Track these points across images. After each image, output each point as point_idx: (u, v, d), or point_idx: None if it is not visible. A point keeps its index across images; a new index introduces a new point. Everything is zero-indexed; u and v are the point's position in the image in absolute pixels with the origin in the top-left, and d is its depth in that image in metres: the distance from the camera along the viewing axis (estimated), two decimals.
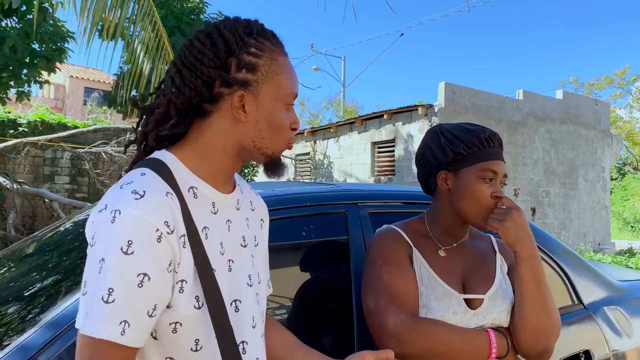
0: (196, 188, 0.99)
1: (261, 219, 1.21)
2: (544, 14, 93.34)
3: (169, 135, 1.01)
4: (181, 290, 0.91)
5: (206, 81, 0.97)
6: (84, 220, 2.01)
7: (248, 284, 1.05)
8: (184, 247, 0.92)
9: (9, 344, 1.17)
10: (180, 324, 0.93)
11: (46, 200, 9.53)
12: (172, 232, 0.89)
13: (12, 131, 9.96)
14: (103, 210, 0.88)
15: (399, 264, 1.40)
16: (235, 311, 1.00)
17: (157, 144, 1.02)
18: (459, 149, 1.41)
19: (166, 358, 0.94)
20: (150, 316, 0.87)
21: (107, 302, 0.82)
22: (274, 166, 1.06)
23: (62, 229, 2.15)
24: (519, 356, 1.39)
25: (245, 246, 1.07)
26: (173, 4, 9.49)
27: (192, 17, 9.59)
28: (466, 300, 1.38)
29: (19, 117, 10.30)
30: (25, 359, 1.11)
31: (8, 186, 8.91)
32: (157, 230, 0.87)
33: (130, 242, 0.84)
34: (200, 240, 0.95)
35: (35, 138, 9.54)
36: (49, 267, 1.80)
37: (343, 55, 24.20)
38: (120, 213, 0.86)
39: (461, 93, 10.71)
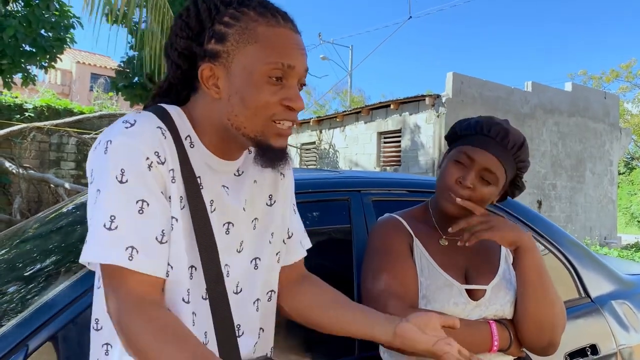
0: (192, 138, 0.96)
1: (281, 174, 1.14)
2: (554, 6, 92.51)
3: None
4: (172, 228, 0.90)
5: (182, 53, 0.94)
6: (84, 203, 1.98)
7: (237, 250, 1.02)
8: (172, 182, 0.90)
9: None
10: (172, 267, 0.90)
11: (51, 185, 9.54)
12: (163, 163, 0.89)
13: (18, 116, 9.98)
14: (98, 145, 0.89)
15: (399, 254, 1.36)
16: (226, 276, 0.98)
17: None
18: (457, 128, 1.41)
19: None
20: (161, 242, 0.86)
21: (110, 229, 0.82)
22: (265, 153, 0.95)
23: (63, 210, 2.12)
24: (524, 349, 1.36)
25: (245, 210, 1.03)
26: None
27: None
28: (468, 291, 1.34)
29: (26, 102, 10.31)
30: (13, 344, 1.08)
31: (14, 171, 8.93)
32: (148, 158, 0.86)
33: (123, 171, 0.84)
34: (195, 178, 0.93)
35: (42, 123, 9.54)
36: (43, 250, 1.77)
37: (351, 44, 24.07)
38: (111, 143, 0.86)
39: (469, 84, 10.61)
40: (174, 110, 0.97)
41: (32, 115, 10.12)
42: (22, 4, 7.32)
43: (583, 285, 1.99)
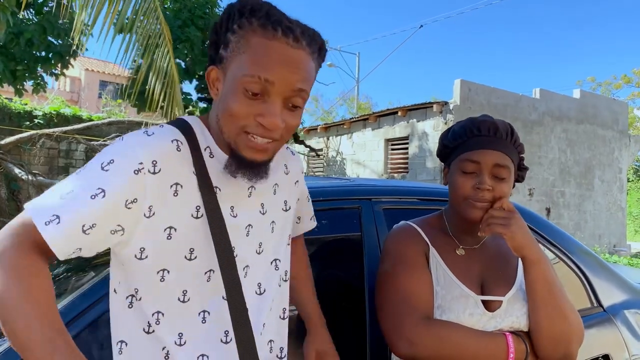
0: (211, 149, 1.00)
1: (296, 181, 1.22)
2: (561, 12, 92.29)
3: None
4: (169, 237, 0.93)
5: (210, 56, 1.01)
6: None
7: (257, 252, 1.06)
8: (174, 196, 0.93)
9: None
10: (168, 271, 0.94)
11: None
12: (157, 173, 0.91)
13: (27, 123, 10.04)
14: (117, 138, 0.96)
15: (415, 263, 1.35)
16: (244, 277, 1.02)
17: None
18: (446, 142, 1.41)
19: (154, 314, 0.95)
20: (84, 232, 0.87)
21: (60, 197, 0.87)
22: (235, 161, 0.95)
23: None
24: None
25: (263, 213, 1.08)
26: None
27: (206, 10, 9.59)
28: (484, 302, 1.32)
29: (35, 109, 10.38)
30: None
31: (23, 177, 8.98)
32: (140, 163, 0.90)
33: (111, 161, 0.89)
34: (212, 189, 0.97)
35: (51, 130, 9.60)
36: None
37: (357, 51, 24.09)
38: (122, 139, 0.93)
39: (477, 91, 10.60)
40: (196, 123, 1.02)
41: (42, 122, 10.19)
42: (33, 12, 7.39)
43: (595, 294, 1.97)
